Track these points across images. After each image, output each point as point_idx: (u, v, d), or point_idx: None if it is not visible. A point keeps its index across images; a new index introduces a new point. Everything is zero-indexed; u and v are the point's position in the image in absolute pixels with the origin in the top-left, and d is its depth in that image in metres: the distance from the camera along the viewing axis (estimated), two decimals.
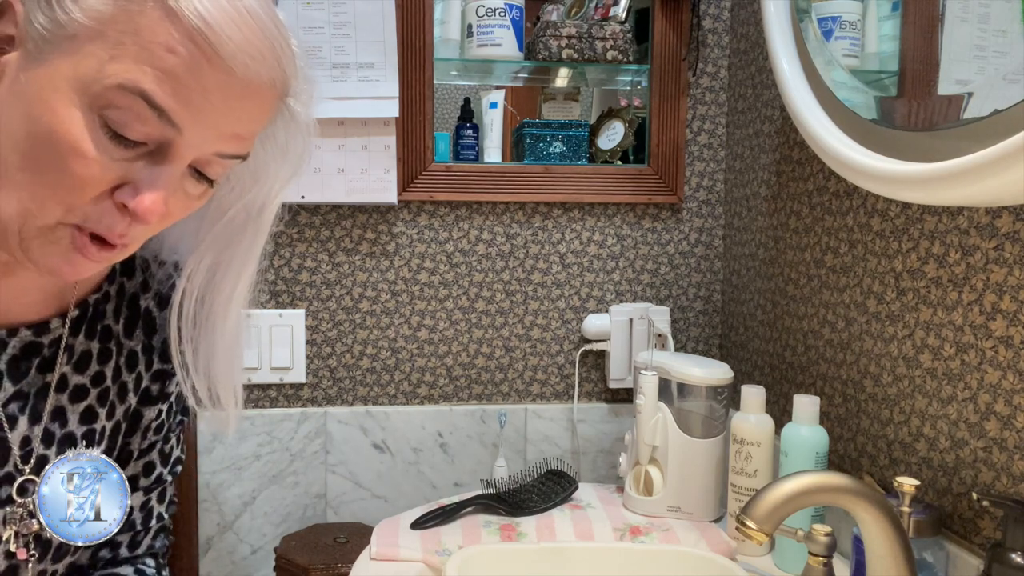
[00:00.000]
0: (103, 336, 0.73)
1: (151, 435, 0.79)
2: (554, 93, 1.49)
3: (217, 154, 0.60)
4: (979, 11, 0.82)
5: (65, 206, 0.57)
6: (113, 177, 0.57)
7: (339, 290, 1.42)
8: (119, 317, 0.75)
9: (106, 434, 0.74)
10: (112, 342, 0.74)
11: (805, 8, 1.07)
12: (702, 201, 1.50)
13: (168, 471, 0.81)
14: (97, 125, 0.55)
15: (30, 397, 0.68)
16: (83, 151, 0.55)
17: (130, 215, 0.57)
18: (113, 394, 0.74)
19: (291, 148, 0.69)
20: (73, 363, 0.71)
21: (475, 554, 1.00)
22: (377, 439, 1.43)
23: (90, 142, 0.55)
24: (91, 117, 0.55)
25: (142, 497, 0.79)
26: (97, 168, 0.56)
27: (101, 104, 0.55)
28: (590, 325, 1.45)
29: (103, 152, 0.56)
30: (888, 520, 0.75)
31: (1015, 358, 0.81)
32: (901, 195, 0.83)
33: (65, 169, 0.55)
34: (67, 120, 0.55)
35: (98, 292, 0.73)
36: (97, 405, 0.73)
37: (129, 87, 0.54)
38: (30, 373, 0.68)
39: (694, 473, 1.18)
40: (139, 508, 0.79)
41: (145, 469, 0.79)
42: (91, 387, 0.72)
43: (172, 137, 0.57)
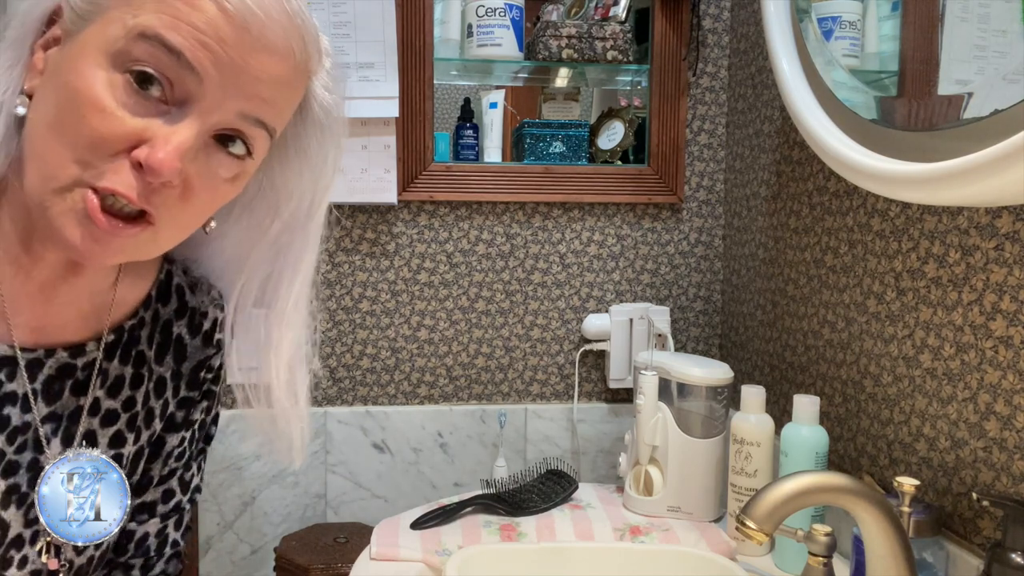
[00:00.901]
0: (136, 362, 0.73)
1: (172, 462, 0.78)
2: (554, 93, 1.49)
3: (240, 114, 0.60)
4: (979, 11, 0.82)
5: (82, 163, 0.57)
6: (130, 133, 0.57)
7: (339, 290, 1.42)
8: (152, 343, 0.74)
9: (129, 459, 0.74)
10: (144, 368, 0.73)
11: (805, 8, 1.07)
12: (702, 201, 1.50)
13: (187, 499, 0.80)
14: (120, 83, 0.56)
15: (63, 419, 0.68)
16: (103, 106, 0.56)
17: (145, 171, 0.57)
18: (140, 419, 0.74)
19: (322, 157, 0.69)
20: (107, 387, 0.71)
21: (475, 554, 1.00)
22: (377, 439, 1.43)
23: (110, 97, 0.56)
24: (114, 76, 0.56)
25: (159, 524, 0.78)
26: (115, 123, 0.56)
27: (124, 59, 0.56)
28: (590, 325, 1.45)
29: (123, 107, 0.56)
30: (888, 520, 0.75)
31: (1015, 358, 0.81)
32: (901, 195, 0.83)
33: (84, 125, 0.56)
34: (91, 79, 0.56)
35: (134, 318, 0.73)
36: (126, 430, 0.73)
37: (148, 34, 0.56)
38: (64, 395, 0.68)
39: (694, 473, 1.18)
40: (155, 535, 0.78)
41: (164, 496, 0.78)
42: (122, 412, 0.72)
43: (193, 89, 0.57)
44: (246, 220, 0.71)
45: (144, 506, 0.77)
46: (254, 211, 0.70)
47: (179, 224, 0.62)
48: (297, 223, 0.71)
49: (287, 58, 0.61)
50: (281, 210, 0.70)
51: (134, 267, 0.72)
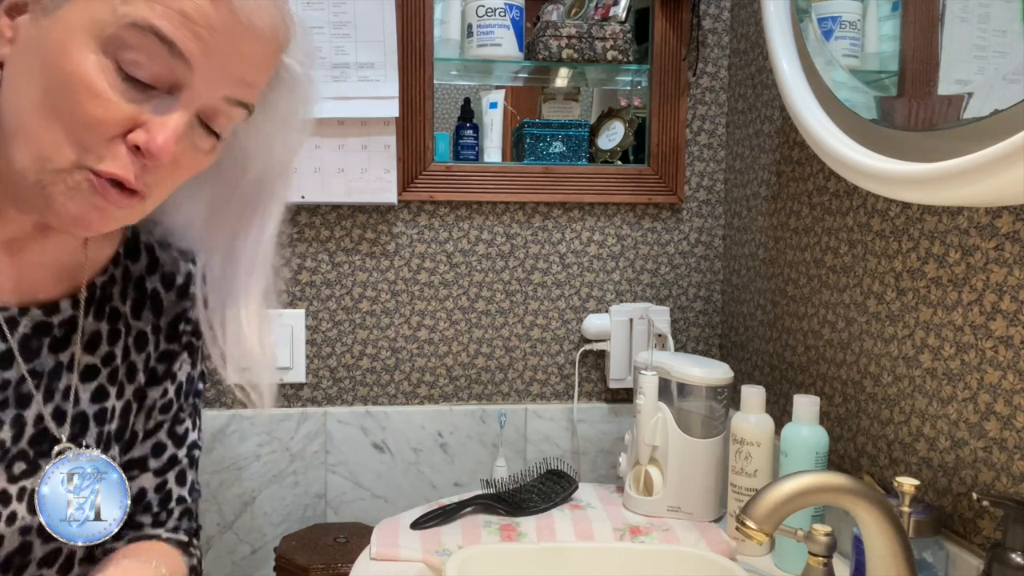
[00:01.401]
0: (111, 317, 0.74)
1: (157, 415, 0.79)
2: (554, 93, 1.49)
3: (225, 98, 0.62)
4: (979, 11, 0.82)
5: (80, 147, 0.58)
6: (125, 119, 0.59)
7: (339, 290, 1.42)
8: (126, 299, 0.76)
9: (116, 413, 0.75)
10: (120, 323, 0.75)
11: (805, 8, 1.07)
12: (702, 201, 1.50)
13: (184, 453, 0.81)
14: (111, 68, 0.58)
15: (43, 376, 0.70)
16: (98, 91, 0.57)
17: (143, 155, 0.59)
18: (122, 374, 0.75)
19: (292, 116, 0.71)
20: (84, 343, 0.72)
21: (475, 554, 1.00)
22: (377, 439, 1.43)
23: (104, 83, 0.57)
24: (105, 61, 0.57)
25: (155, 479, 0.79)
26: (112, 108, 0.58)
27: (115, 45, 0.57)
28: (590, 325, 1.45)
29: (117, 93, 0.58)
30: (888, 520, 0.75)
31: (1015, 358, 0.81)
32: (901, 195, 0.83)
33: (80, 110, 0.57)
34: (82, 63, 0.57)
35: (104, 275, 0.74)
36: (108, 384, 0.74)
37: (141, 24, 0.57)
38: (42, 352, 0.70)
39: (694, 473, 1.18)
40: (154, 490, 0.79)
41: (154, 450, 0.79)
42: (101, 367, 0.74)
43: (182, 77, 0.59)
44: (215, 178, 0.73)
45: (134, 462, 0.78)
46: (223, 170, 0.72)
47: (163, 193, 0.66)
48: (265, 181, 0.73)
49: (272, 41, 0.63)
50: (250, 168, 0.72)
51: None
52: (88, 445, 0.73)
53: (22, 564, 0.69)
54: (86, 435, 0.72)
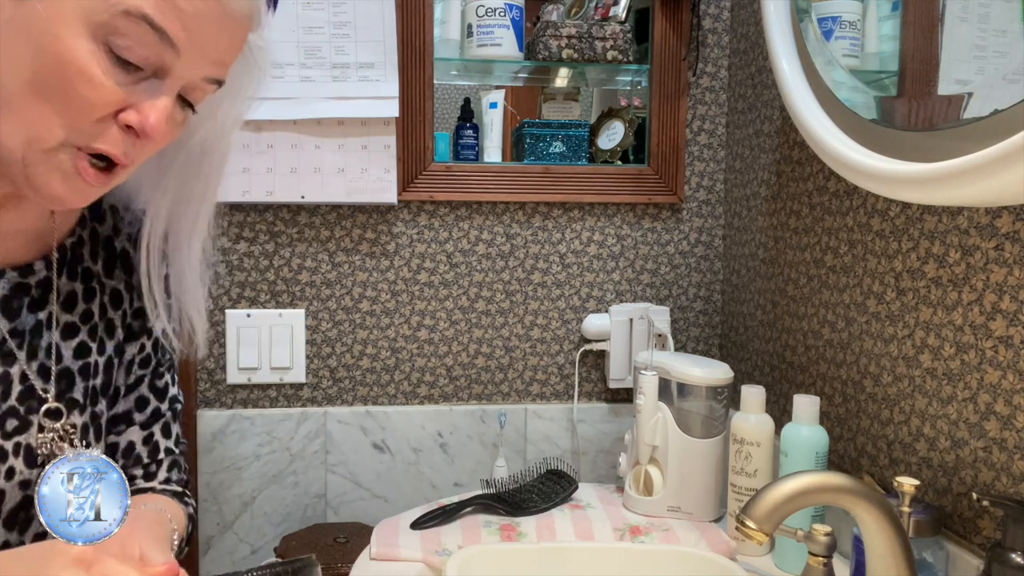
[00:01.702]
0: (84, 277, 0.78)
1: (137, 369, 0.83)
2: (554, 93, 1.49)
3: (204, 78, 0.66)
4: (979, 11, 0.82)
5: (70, 128, 0.61)
6: (116, 100, 0.62)
7: (339, 290, 1.42)
8: (97, 259, 0.80)
9: (100, 368, 0.79)
10: (94, 282, 0.79)
11: (805, 8, 1.07)
12: (702, 201, 1.50)
13: (167, 407, 0.85)
14: (102, 52, 0.60)
15: (25, 334, 0.73)
16: (91, 75, 0.60)
17: (136, 134, 0.63)
18: (101, 330, 0.79)
19: (244, 87, 0.75)
20: (61, 303, 0.76)
21: (475, 554, 1.00)
22: (377, 439, 1.43)
23: (97, 67, 0.60)
24: (96, 45, 0.60)
25: (142, 432, 0.83)
26: (104, 92, 0.61)
27: (107, 31, 0.60)
28: (590, 325, 1.45)
29: (109, 77, 0.61)
30: (888, 520, 0.75)
31: (1015, 358, 0.81)
32: (901, 195, 0.83)
33: (73, 94, 0.60)
34: (75, 48, 0.59)
35: (72, 236, 0.78)
36: (89, 340, 0.77)
37: (134, 12, 0.59)
38: (22, 312, 0.73)
39: (694, 473, 1.18)
40: (141, 443, 0.83)
41: (138, 404, 0.83)
42: (80, 324, 0.77)
43: (169, 61, 0.63)
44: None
45: (119, 417, 0.82)
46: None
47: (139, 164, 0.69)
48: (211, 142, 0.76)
49: (248, 23, 0.67)
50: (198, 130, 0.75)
51: None
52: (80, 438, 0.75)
53: (26, 519, 0.72)
54: (72, 391, 0.75)
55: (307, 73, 1.34)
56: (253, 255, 1.39)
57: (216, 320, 1.39)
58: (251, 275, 1.40)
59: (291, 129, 1.35)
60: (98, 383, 0.78)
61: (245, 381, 1.40)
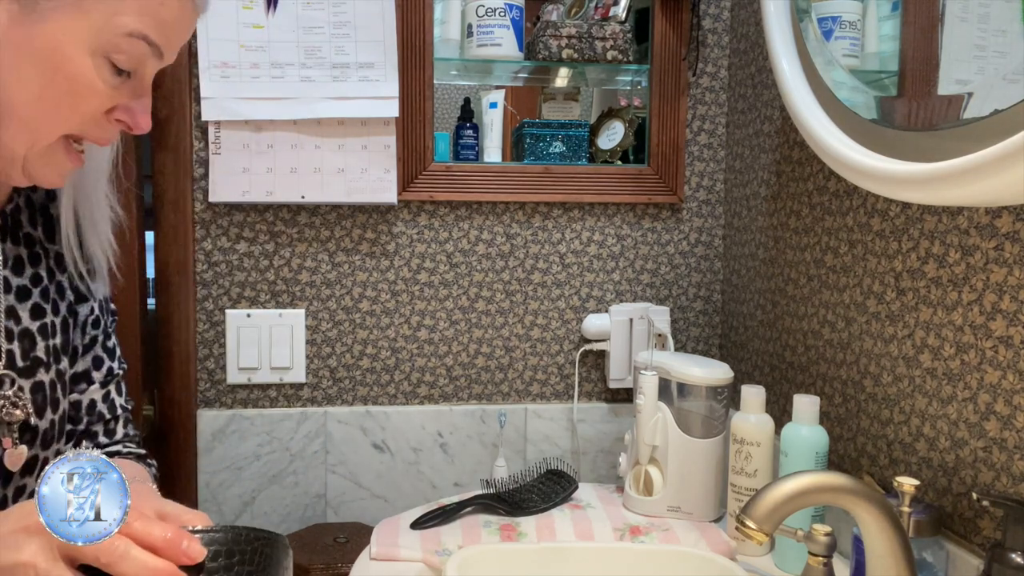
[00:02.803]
0: (27, 242, 0.83)
1: (90, 330, 0.88)
2: (554, 93, 1.49)
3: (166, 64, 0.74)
4: (979, 11, 0.82)
5: (67, 128, 0.71)
6: (110, 102, 0.71)
7: (339, 290, 1.42)
8: (36, 225, 0.85)
9: (58, 328, 0.83)
10: (38, 247, 0.84)
11: (805, 8, 1.07)
12: (702, 201, 1.50)
13: (118, 366, 0.91)
14: (104, 66, 0.69)
15: None
16: (97, 90, 0.69)
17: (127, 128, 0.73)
18: (53, 292, 0.84)
19: None
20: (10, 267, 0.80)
21: (475, 554, 1.00)
22: (377, 439, 1.43)
23: (100, 81, 0.69)
24: (98, 60, 0.68)
25: (101, 390, 0.89)
26: (105, 99, 0.70)
27: (108, 49, 0.68)
28: (590, 325, 1.45)
29: (108, 86, 0.69)
30: (888, 520, 0.75)
31: (1015, 358, 0.81)
32: (901, 195, 0.83)
33: (82, 104, 0.69)
34: (83, 67, 0.68)
35: (11, 203, 0.82)
36: (42, 302, 0.82)
37: (136, 35, 0.68)
38: None
39: (694, 473, 1.18)
40: (102, 400, 0.89)
41: (95, 363, 0.89)
42: (32, 287, 0.82)
43: (153, 65, 0.72)
44: None
45: (79, 376, 0.87)
46: None
47: None
48: None
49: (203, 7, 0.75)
50: None
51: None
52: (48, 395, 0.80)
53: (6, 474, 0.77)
54: (35, 349, 0.80)
55: (307, 73, 1.34)
56: (253, 255, 1.39)
57: (216, 320, 1.39)
58: (251, 275, 1.40)
59: (291, 129, 1.35)
60: (58, 342, 0.83)
61: (245, 381, 1.40)
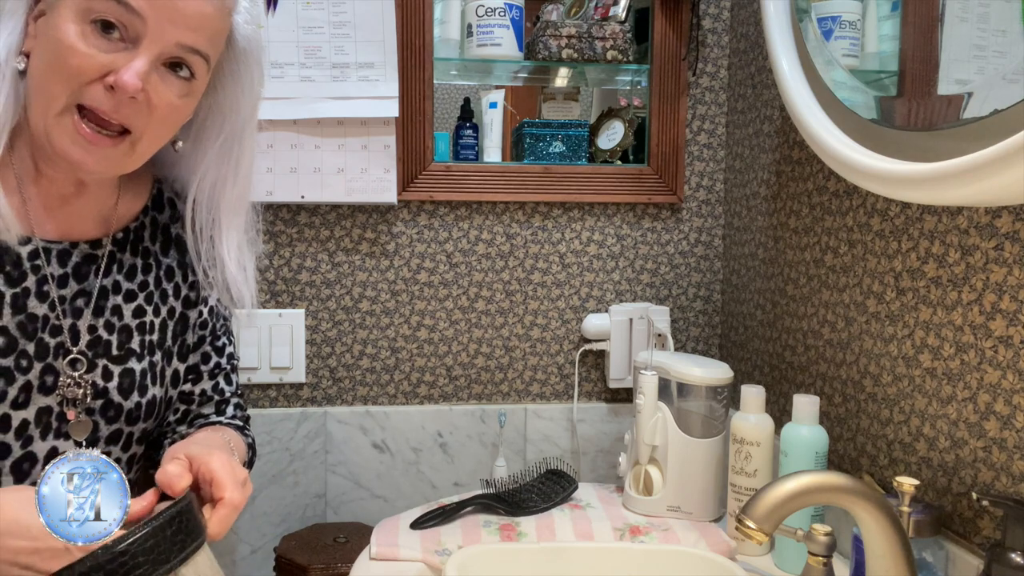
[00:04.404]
0: (143, 254, 0.96)
1: (198, 330, 1.00)
2: (554, 93, 1.49)
3: (178, 44, 0.80)
4: (979, 11, 0.82)
5: (68, 91, 0.78)
6: (101, 66, 0.78)
7: (339, 290, 1.42)
8: (155, 241, 0.97)
9: (156, 327, 0.95)
10: (151, 259, 0.96)
11: (805, 8, 1.07)
12: (702, 201, 1.50)
13: (226, 362, 1.03)
14: (88, 31, 0.78)
15: (92, 295, 0.90)
16: (78, 49, 0.77)
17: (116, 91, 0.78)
18: (156, 297, 0.96)
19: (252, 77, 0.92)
20: (124, 273, 0.93)
21: (475, 554, 1.00)
22: (377, 439, 1.43)
23: (83, 43, 0.78)
24: (84, 27, 0.78)
25: (210, 382, 1.02)
26: (89, 59, 0.78)
27: (89, 13, 0.78)
28: (590, 325, 1.45)
29: (93, 48, 0.78)
30: (888, 520, 0.75)
31: (1015, 358, 0.81)
32: (901, 195, 0.83)
33: (68, 65, 0.78)
34: (67, 32, 0.78)
35: (136, 222, 0.95)
36: (144, 304, 0.94)
37: None
38: (90, 277, 0.90)
39: (694, 473, 1.18)
40: (212, 389, 1.02)
41: (203, 359, 1.01)
42: (138, 291, 0.94)
43: (140, 29, 0.78)
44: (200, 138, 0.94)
45: (191, 369, 1.00)
46: (205, 129, 0.93)
47: (151, 136, 0.84)
48: (235, 134, 0.93)
49: None
50: (225, 126, 0.93)
51: (131, 186, 0.95)
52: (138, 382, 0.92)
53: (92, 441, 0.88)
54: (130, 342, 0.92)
55: (307, 73, 1.34)
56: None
57: None
58: None
59: (291, 129, 1.35)
60: (154, 338, 0.94)
61: (245, 381, 1.40)
